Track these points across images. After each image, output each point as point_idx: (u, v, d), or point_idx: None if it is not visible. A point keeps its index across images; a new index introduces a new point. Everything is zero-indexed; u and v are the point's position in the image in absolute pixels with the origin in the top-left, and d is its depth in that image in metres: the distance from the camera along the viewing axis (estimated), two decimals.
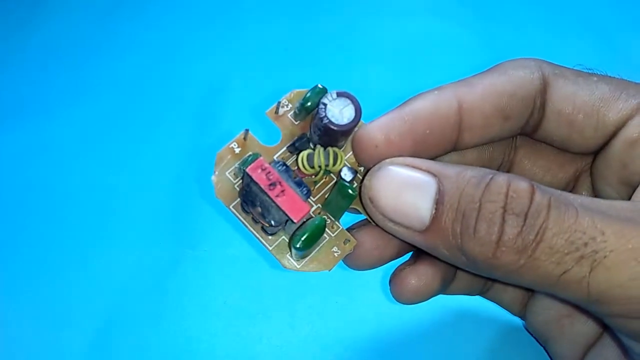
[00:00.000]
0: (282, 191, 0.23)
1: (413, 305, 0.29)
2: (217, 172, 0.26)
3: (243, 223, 0.26)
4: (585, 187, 0.29)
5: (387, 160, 0.24)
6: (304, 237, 0.24)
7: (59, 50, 0.54)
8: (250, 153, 0.26)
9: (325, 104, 0.24)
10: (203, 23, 0.55)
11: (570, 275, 0.20)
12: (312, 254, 0.26)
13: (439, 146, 0.26)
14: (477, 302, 0.35)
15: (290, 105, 0.27)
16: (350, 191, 0.25)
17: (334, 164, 0.25)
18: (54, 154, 0.47)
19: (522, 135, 0.28)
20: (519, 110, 0.26)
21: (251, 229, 0.26)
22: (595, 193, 0.28)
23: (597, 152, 0.27)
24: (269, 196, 0.23)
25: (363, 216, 0.27)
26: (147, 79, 0.51)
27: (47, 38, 0.55)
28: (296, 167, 0.26)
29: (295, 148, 0.26)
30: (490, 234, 0.21)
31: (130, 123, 0.49)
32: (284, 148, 0.26)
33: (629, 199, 0.25)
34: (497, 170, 0.29)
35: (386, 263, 0.29)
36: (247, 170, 0.23)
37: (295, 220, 0.23)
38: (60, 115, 0.49)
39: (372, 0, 0.56)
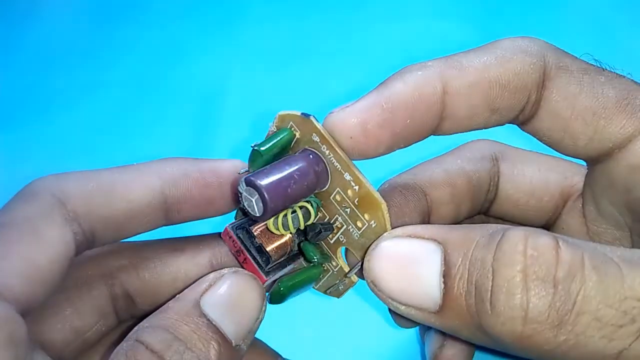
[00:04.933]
0: (245, 259, 0.24)
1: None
2: None
3: None
4: (575, 211, 0.27)
5: (385, 235, 0.22)
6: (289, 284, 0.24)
7: (54, 53, 0.54)
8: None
9: (241, 193, 0.22)
10: (200, 27, 0.55)
11: (631, 353, 0.17)
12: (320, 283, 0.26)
13: (417, 135, 0.23)
14: None
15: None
16: (304, 251, 0.25)
17: (304, 224, 0.24)
18: (51, 156, 0.47)
19: (511, 123, 0.25)
20: (510, 103, 0.23)
21: None
22: (587, 213, 0.26)
23: (593, 162, 0.24)
24: (238, 261, 0.24)
25: None
26: (144, 83, 0.51)
27: (43, 43, 0.55)
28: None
29: None
30: (513, 308, 0.17)
31: (128, 125, 0.49)
32: None
33: (633, 224, 0.23)
34: (485, 197, 0.28)
35: None
36: (221, 235, 0.24)
37: None
38: (58, 117, 0.49)
39: (374, 1, 0.55)
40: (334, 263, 0.25)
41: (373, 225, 0.23)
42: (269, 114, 0.25)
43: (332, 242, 0.25)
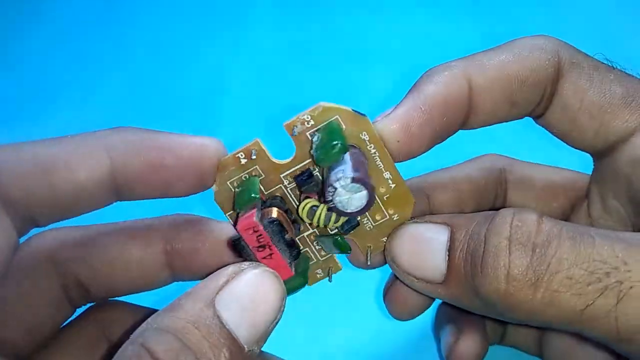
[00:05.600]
0: (270, 255, 0.23)
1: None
2: (217, 181, 0.24)
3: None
4: (582, 213, 0.28)
5: (406, 222, 0.25)
6: None
7: (56, 50, 0.54)
8: (249, 177, 0.24)
9: (335, 189, 0.22)
10: (202, 26, 0.55)
11: (596, 308, 0.19)
12: None
13: (450, 129, 0.25)
14: None
15: (312, 122, 0.23)
16: (342, 244, 0.25)
17: (335, 223, 0.24)
18: None
19: (528, 116, 0.26)
20: (528, 97, 0.24)
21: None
22: (593, 212, 0.27)
23: (599, 157, 0.26)
24: (256, 257, 0.23)
25: None
26: (147, 78, 0.51)
27: (43, 42, 0.54)
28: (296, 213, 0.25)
29: (298, 184, 0.24)
30: (497, 268, 0.20)
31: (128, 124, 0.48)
32: (293, 169, 0.24)
33: (635, 218, 0.24)
34: (493, 205, 0.30)
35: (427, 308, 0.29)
36: (237, 228, 0.22)
37: None
38: (58, 118, 0.49)
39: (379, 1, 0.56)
40: (322, 252, 0.26)
41: (395, 218, 0.25)
42: (271, 112, 0.25)
43: (332, 232, 0.25)
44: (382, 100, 0.27)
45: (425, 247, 0.23)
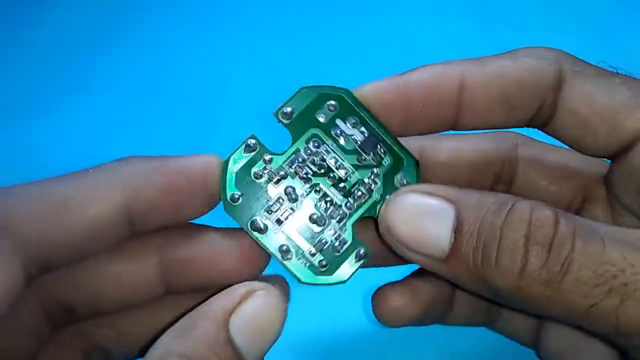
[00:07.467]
0: None
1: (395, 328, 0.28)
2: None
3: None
4: (599, 200, 0.28)
5: (403, 189, 0.24)
6: None
7: (56, 50, 0.54)
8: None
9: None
10: (203, 18, 0.56)
11: (600, 308, 0.20)
12: None
13: (433, 122, 0.25)
14: None
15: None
16: None
17: None
18: (51, 156, 0.46)
19: (531, 127, 0.27)
20: (526, 101, 0.25)
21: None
22: (611, 203, 0.27)
23: (613, 159, 0.26)
24: None
25: None
26: (147, 77, 0.51)
27: (43, 41, 0.55)
28: None
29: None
30: (513, 265, 0.20)
31: (129, 123, 0.48)
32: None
33: None
34: (498, 178, 0.29)
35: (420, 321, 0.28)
36: None
37: None
38: (59, 116, 0.49)
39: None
40: None
41: None
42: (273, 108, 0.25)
43: None
44: None
45: (430, 221, 0.22)
